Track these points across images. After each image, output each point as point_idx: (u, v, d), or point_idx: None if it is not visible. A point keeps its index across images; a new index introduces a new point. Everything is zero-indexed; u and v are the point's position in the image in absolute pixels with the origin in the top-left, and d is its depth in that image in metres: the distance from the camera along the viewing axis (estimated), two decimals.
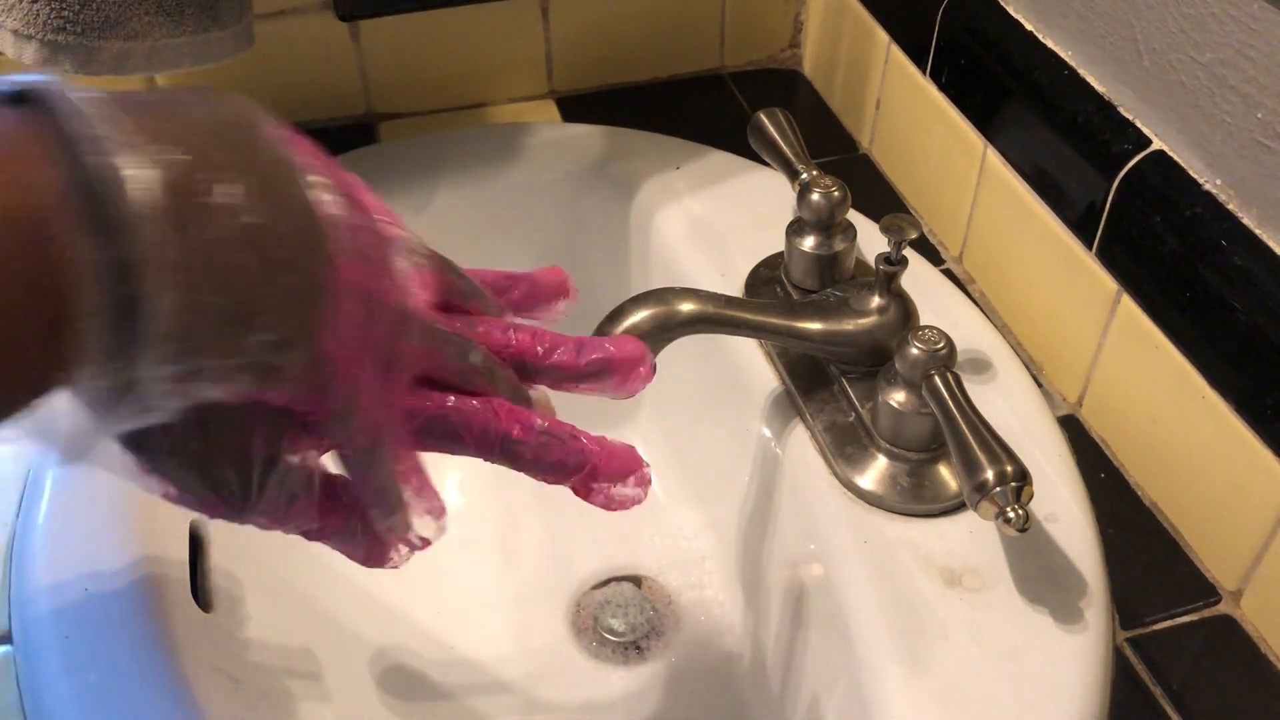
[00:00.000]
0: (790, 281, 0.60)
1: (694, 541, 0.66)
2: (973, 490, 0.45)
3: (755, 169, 0.70)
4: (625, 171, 0.71)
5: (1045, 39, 0.60)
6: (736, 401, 0.61)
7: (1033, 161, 0.59)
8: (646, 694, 0.61)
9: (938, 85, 0.67)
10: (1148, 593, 0.52)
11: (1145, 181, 0.52)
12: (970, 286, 0.67)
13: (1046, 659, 0.46)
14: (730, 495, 0.62)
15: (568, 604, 0.65)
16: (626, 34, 0.81)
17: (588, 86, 0.83)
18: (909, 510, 0.51)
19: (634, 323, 0.48)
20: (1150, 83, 0.53)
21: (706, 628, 0.63)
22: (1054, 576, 0.49)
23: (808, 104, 0.83)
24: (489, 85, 0.81)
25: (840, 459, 0.53)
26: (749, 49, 0.85)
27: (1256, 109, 0.47)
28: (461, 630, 0.63)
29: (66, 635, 0.46)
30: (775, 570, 0.58)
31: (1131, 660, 0.49)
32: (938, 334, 0.50)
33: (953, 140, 0.66)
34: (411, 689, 0.61)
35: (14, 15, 0.55)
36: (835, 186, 0.57)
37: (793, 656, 0.56)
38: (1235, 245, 0.48)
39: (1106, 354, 0.57)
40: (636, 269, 0.70)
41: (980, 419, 0.47)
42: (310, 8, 0.74)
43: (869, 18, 0.74)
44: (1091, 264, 0.56)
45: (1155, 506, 0.55)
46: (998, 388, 0.57)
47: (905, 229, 0.50)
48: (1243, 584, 0.51)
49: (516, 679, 0.62)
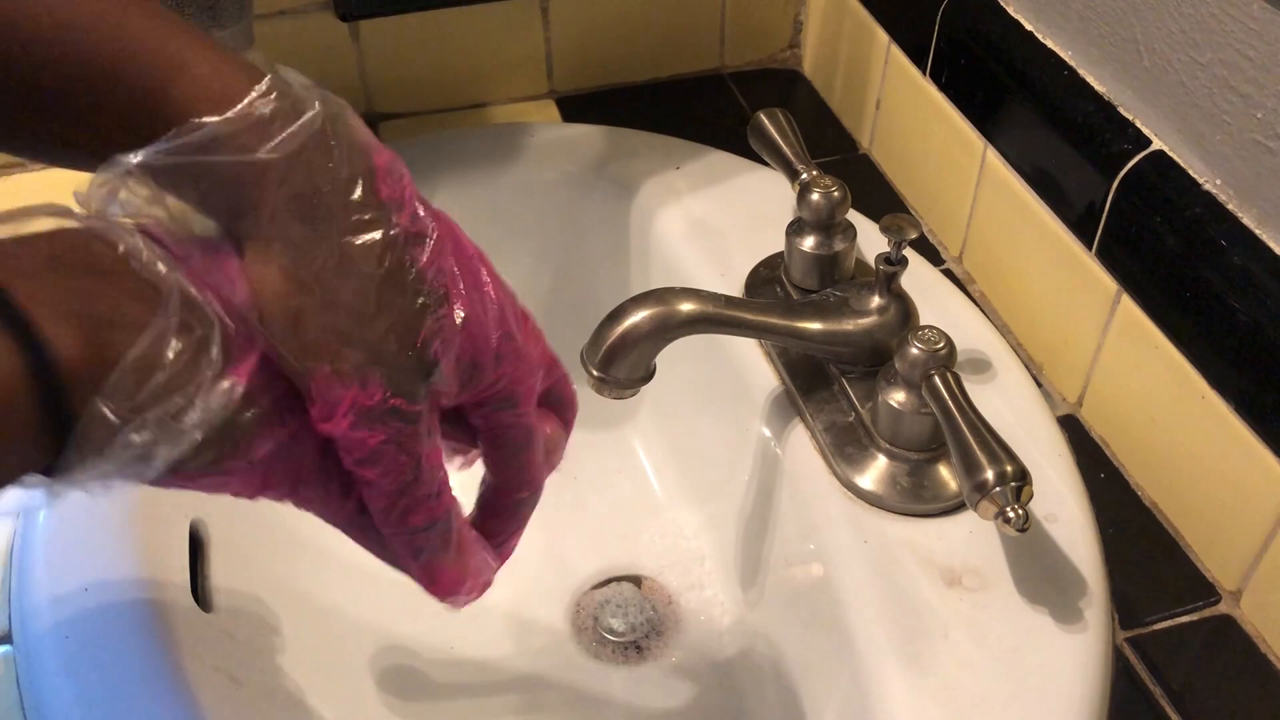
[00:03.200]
0: (790, 281, 0.60)
1: (694, 541, 0.66)
2: (973, 490, 0.45)
3: (755, 169, 0.70)
4: (625, 171, 0.71)
5: (1045, 39, 0.60)
6: (736, 401, 0.61)
7: (1033, 161, 0.59)
8: (646, 694, 0.61)
9: (938, 85, 0.67)
10: (1147, 593, 0.52)
11: (1145, 181, 0.52)
12: (970, 286, 0.67)
13: (1046, 659, 0.46)
14: (730, 495, 0.62)
15: (568, 604, 0.65)
16: (626, 34, 0.81)
17: (588, 86, 0.83)
18: (909, 510, 0.51)
19: (634, 322, 0.48)
20: (1150, 83, 0.53)
21: (706, 628, 0.63)
22: (1054, 576, 0.49)
23: (808, 104, 0.83)
24: (489, 85, 0.81)
25: (840, 459, 0.53)
26: (749, 49, 0.85)
27: (1256, 109, 0.47)
28: (461, 630, 0.63)
29: (66, 635, 0.46)
30: (775, 570, 0.58)
31: (1131, 660, 0.49)
32: (938, 334, 0.50)
33: (952, 140, 0.66)
34: (411, 689, 0.61)
35: None
36: (835, 186, 0.57)
37: (792, 656, 0.56)
38: (1235, 245, 0.48)
39: (1106, 354, 0.57)
40: (636, 269, 0.70)
41: (980, 419, 0.47)
42: (310, 8, 0.74)
43: (869, 18, 0.74)
44: (1091, 264, 0.56)
45: (1155, 506, 0.55)
46: (998, 388, 0.57)
47: (905, 229, 0.50)
48: (1242, 584, 0.51)
49: (516, 679, 0.62)
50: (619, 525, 0.68)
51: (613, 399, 0.50)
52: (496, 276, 0.36)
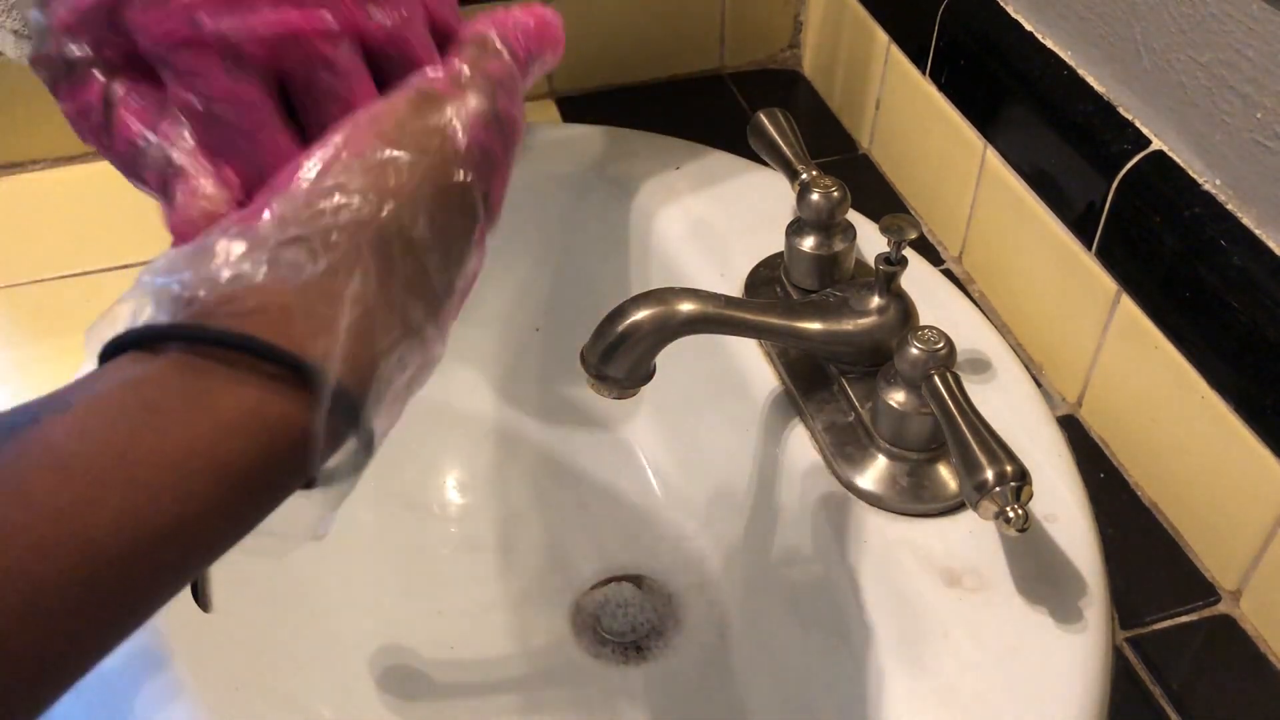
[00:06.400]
0: (790, 281, 0.60)
1: (694, 541, 0.66)
2: (972, 490, 0.45)
3: (755, 169, 0.70)
4: (625, 171, 0.71)
5: (1045, 39, 0.60)
6: (736, 401, 0.61)
7: (1032, 161, 0.59)
8: (646, 694, 0.61)
9: (937, 85, 0.67)
10: (1147, 592, 0.52)
11: (1145, 181, 0.52)
12: (970, 286, 0.67)
13: (1046, 659, 0.46)
14: (730, 495, 0.62)
15: (568, 604, 0.65)
16: (626, 34, 0.81)
17: (588, 87, 0.83)
18: (909, 510, 0.51)
19: (634, 322, 0.48)
20: (1150, 83, 0.53)
21: (707, 628, 0.63)
22: (1053, 576, 0.49)
23: (808, 104, 0.83)
24: None
25: (840, 459, 0.53)
26: (749, 49, 0.85)
27: (1255, 109, 0.47)
28: (461, 630, 0.63)
29: None
30: (775, 570, 0.58)
31: (1131, 660, 0.49)
32: (937, 334, 0.50)
33: (952, 140, 0.66)
34: (411, 689, 0.61)
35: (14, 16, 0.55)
36: (835, 187, 0.57)
37: (793, 656, 0.56)
38: (1234, 245, 0.48)
39: (1106, 354, 0.57)
40: (636, 269, 0.70)
41: (980, 419, 0.47)
42: None
43: (869, 18, 0.74)
44: (1091, 264, 0.56)
45: (1155, 506, 0.55)
46: (997, 388, 0.57)
47: (905, 229, 0.50)
48: (1242, 584, 0.51)
49: (516, 679, 0.62)
50: (619, 525, 0.68)
51: (613, 399, 0.50)
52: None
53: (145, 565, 0.25)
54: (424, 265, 0.31)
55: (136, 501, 0.25)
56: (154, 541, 0.25)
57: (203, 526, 0.27)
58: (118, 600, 0.25)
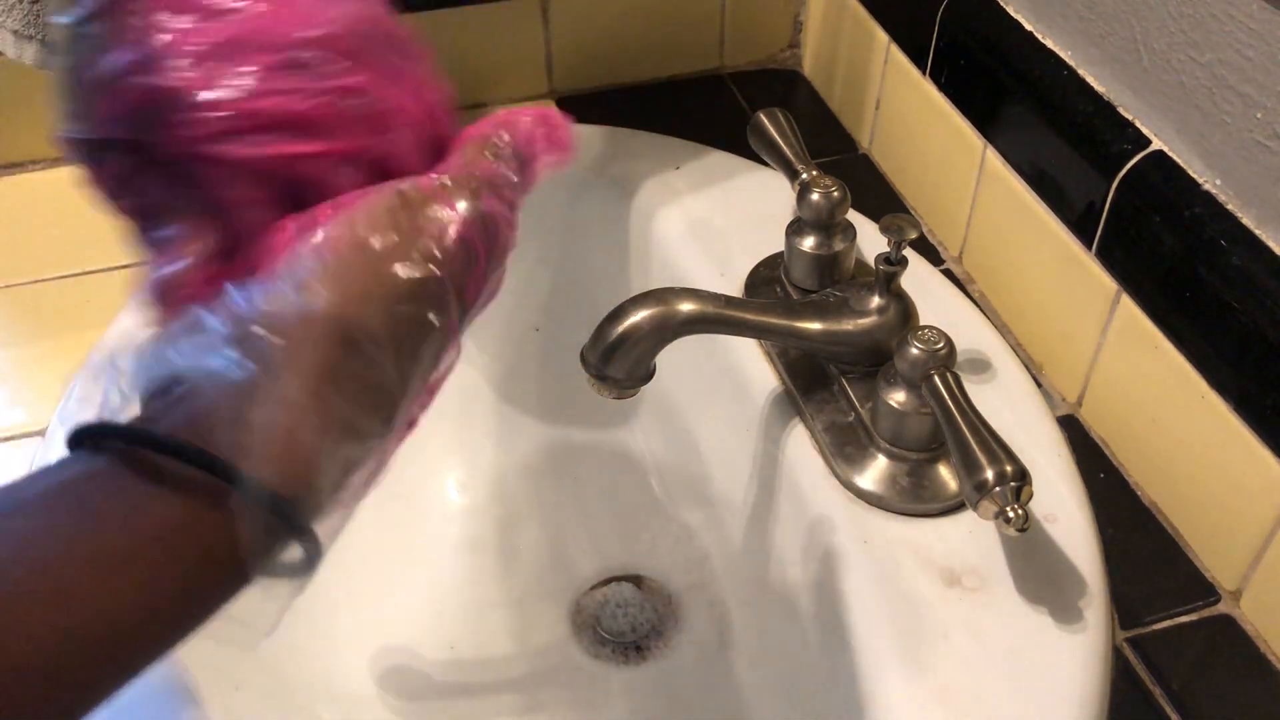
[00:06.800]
0: (790, 281, 0.60)
1: (694, 541, 0.66)
2: (972, 490, 0.45)
3: (755, 169, 0.70)
4: (625, 171, 0.71)
5: (1045, 39, 0.60)
6: (736, 401, 0.61)
7: (1032, 161, 0.59)
8: (646, 694, 0.61)
9: (937, 85, 0.67)
10: (1147, 593, 0.52)
11: (1145, 181, 0.52)
12: (970, 286, 0.67)
13: (1046, 659, 0.46)
14: (730, 495, 0.62)
15: (568, 604, 0.65)
16: (626, 34, 0.81)
17: (588, 86, 0.83)
18: (909, 510, 0.51)
19: (634, 322, 0.48)
20: (1150, 83, 0.53)
21: (707, 628, 0.63)
22: (1053, 576, 0.49)
23: (808, 104, 0.83)
24: (489, 85, 0.81)
25: (840, 459, 0.53)
26: (749, 49, 0.85)
27: (1255, 109, 0.47)
28: (462, 630, 0.63)
29: None
30: (775, 570, 0.58)
31: (1131, 660, 0.49)
32: (937, 334, 0.50)
33: (952, 140, 0.66)
34: (411, 689, 0.61)
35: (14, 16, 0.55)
36: (835, 186, 0.57)
37: (793, 656, 0.56)
38: (1234, 245, 0.48)
39: (1106, 354, 0.57)
40: (636, 269, 0.70)
41: (980, 419, 0.47)
42: None
43: (869, 18, 0.74)
44: (1091, 264, 0.56)
45: (1155, 506, 0.55)
46: (997, 388, 0.57)
47: (905, 229, 0.50)
48: (1242, 584, 0.51)
49: (516, 679, 0.62)
50: (619, 525, 0.68)
51: (613, 399, 0.50)
52: None
53: (74, 674, 0.25)
54: (375, 362, 0.30)
55: (66, 609, 0.25)
56: (84, 650, 0.26)
57: (137, 631, 0.27)
58: (47, 707, 0.25)
